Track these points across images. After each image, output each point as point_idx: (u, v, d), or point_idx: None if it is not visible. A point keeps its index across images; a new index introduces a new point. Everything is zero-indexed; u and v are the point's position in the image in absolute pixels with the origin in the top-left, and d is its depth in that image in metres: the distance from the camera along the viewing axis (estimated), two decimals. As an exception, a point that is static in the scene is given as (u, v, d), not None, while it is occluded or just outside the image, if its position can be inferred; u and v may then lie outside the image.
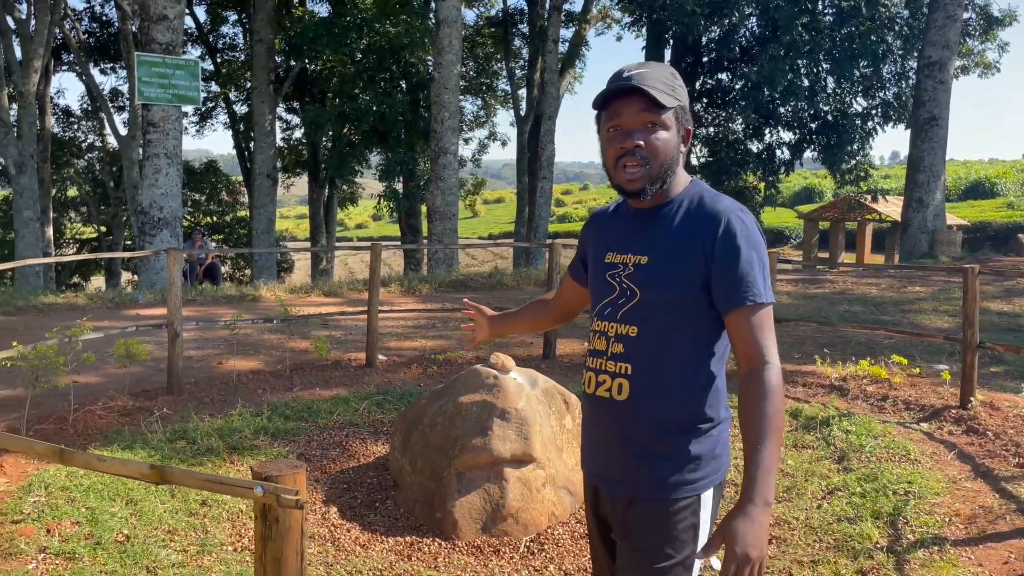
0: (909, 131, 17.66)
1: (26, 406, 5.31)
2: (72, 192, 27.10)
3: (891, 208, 23.40)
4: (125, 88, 23.44)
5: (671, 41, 20.65)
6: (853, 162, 19.17)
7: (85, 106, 25.47)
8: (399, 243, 22.63)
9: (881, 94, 19.00)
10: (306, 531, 1.55)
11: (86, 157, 26.23)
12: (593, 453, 1.99)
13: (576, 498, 4.42)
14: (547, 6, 21.15)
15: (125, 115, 23.14)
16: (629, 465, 1.87)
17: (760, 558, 1.61)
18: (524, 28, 24.74)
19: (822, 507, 4.26)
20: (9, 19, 17.56)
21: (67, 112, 25.51)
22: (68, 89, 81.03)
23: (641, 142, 1.79)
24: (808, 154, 19.94)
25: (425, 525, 4.15)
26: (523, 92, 23.79)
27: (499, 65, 25.88)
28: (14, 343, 5.23)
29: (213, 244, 19.76)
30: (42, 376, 5.18)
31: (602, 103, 1.85)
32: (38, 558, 3.41)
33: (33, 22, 17.87)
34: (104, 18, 24.05)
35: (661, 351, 1.83)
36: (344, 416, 5.56)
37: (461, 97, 20.41)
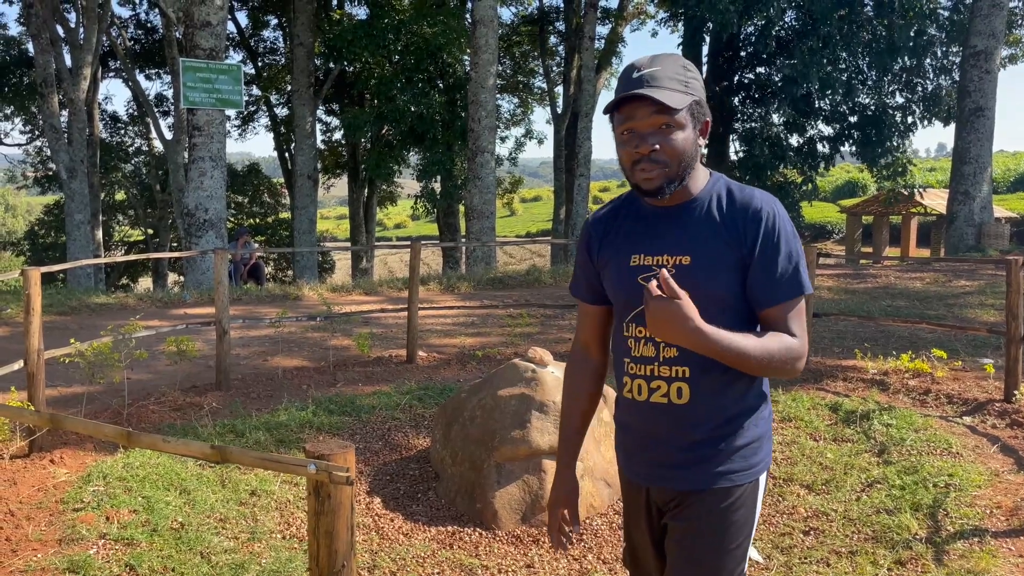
0: (954, 123, 17.33)
1: (83, 401, 5.53)
2: (120, 196, 27.84)
3: (936, 201, 22.96)
4: (170, 93, 23.98)
5: (707, 37, 20.52)
6: (891, 157, 18.84)
7: (131, 111, 26.14)
8: (438, 242, 22.83)
9: (922, 88, 18.65)
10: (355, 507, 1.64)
11: (133, 161, 26.92)
12: (642, 457, 1.94)
13: (614, 490, 4.48)
14: (583, 3, 21.16)
15: (170, 119, 23.70)
16: (689, 462, 1.86)
17: (681, 313, 1.64)
18: (560, 26, 24.77)
19: (861, 499, 4.27)
20: (59, 28, 18.10)
21: (114, 118, 26.20)
22: (115, 95, 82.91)
23: (657, 146, 1.75)
24: (845, 148, 19.64)
25: (466, 515, 4.25)
26: (559, 90, 23.84)
27: (535, 63, 25.96)
28: (72, 340, 5.46)
29: (256, 245, 20.14)
30: (98, 372, 5.39)
31: (613, 104, 1.81)
32: (99, 543, 3.58)
33: (82, 30, 18.40)
34: (149, 25, 24.68)
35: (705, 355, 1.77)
36: (386, 411, 5.68)
37: (497, 96, 20.52)
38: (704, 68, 19.96)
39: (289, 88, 22.63)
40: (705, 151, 1.95)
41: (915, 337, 7.95)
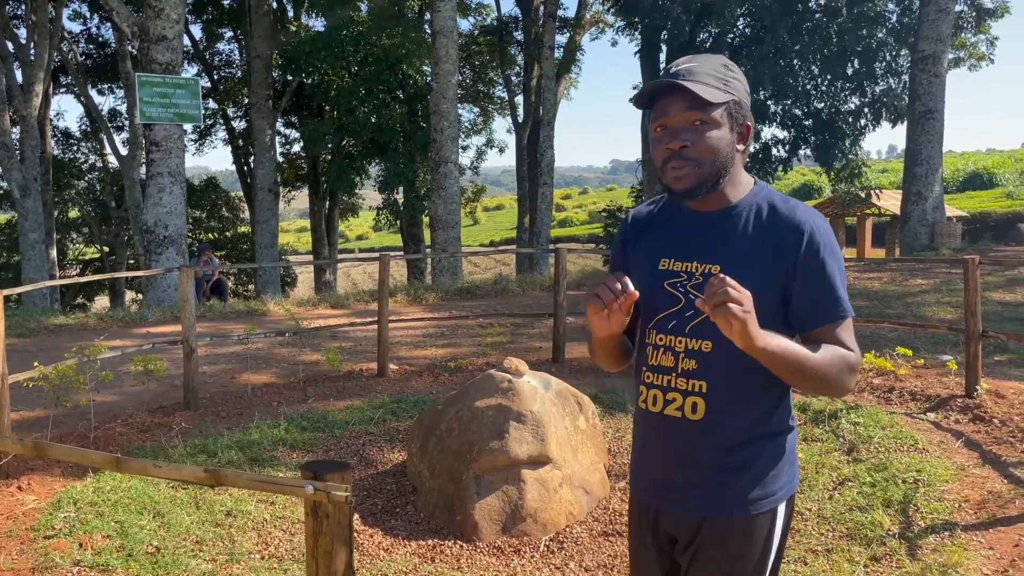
0: (905, 125, 17.77)
1: (48, 425, 5.40)
2: (74, 213, 27.26)
3: (890, 202, 23.49)
4: (123, 108, 23.62)
5: (664, 45, 20.80)
6: (845, 160, 19.31)
7: (84, 127, 25.65)
8: (402, 252, 22.75)
9: (872, 91, 19.11)
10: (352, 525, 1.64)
11: (86, 178, 26.39)
12: (655, 474, 1.85)
13: (593, 497, 4.51)
14: (541, 13, 21.31)
15: (124, 135, 23.33)
16: (702, 484, 1.76)
17: (740, 315, 1.50)
18: (519, 35, 24.90)
19: (834, 497, 4.35)
20: (9, 44, 17.72)
21: (66, 134, 25.67)
22: (67, 111, 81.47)
23: (689, 142, 1.66)
24: (801, 152, 20.06)
25: (446, 528, 4.24)
26: (520, 99, 23.94)
27: (495, 73, 26.03)
28: (35, 364, 5.33)
29: (217, 260, 19.89)
30: (63, 395, 5.27)
31: (648, 101, 1.71)
32: (73, 571, 3.50)
33: (33, 47, 18.04)
34: (101, 39, 24.27)
35: (739, 366, 1.69)
36: (359, 425, 5.65)
37: (458, 105, 20.56)
38: (661, 75, 20.20)
39: (247, 101, 22.41)
40: (747, 158, 1.81)
41: (877, 336, 8.12)
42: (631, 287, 1.62)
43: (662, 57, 20.99)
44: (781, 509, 1.79)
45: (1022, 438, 4.97)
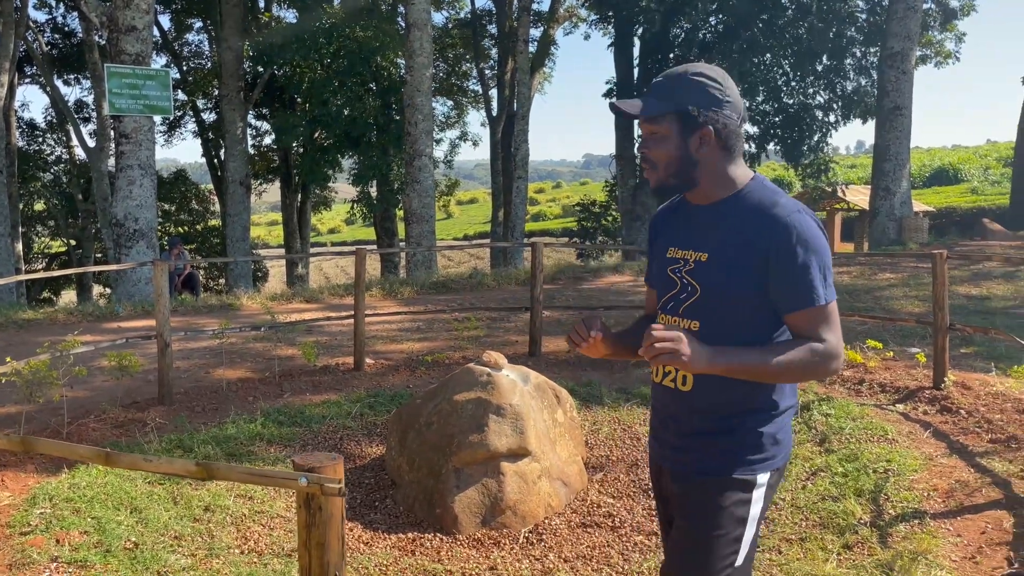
0: (874, 121, 18.04)
1: (21, 421, 5.33)
2: (39, 206, 26.77)
3: (858, 197, 23.85)
4: (91, 99, 23.20)
5: (637, 40, 20.89)
6: (814, 156, 19.57)
7: (50, 118, 25.18)
8: (375, 246, 22.65)
9: (841, 88, 19.36)
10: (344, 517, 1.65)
11: (52, 170, 25.92)
12: (658, 435, 2.11)
13: (571, 489, 4.55)
14: (515, 6, 21.29)
15: (92, 126, 22.93)
16: (690, 446, 1.99)
17: (677, 354, 1.70)
18: (493, 29, 24.87)
19: (807, 487, 4.43)
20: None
21: (32, 125, 25.19)
22: (32, 102, 79.70)
23: (646, 149, 1.94)
24: (770, 147, 20.29)
25: (425, 521, 4.26)
26: (494, 92, 23.92)
27: (469, 66, 25.98)
28: (8, 359, 5.26)
29: (188, 254, 19.68)
30: (36, 391, 5.21)
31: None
32: (51, 567, 3.47)
33: (-3, 36, 17.65)
34: (67, 29, 23.83)
35: (724, 344, 1.85)
36: (337, 420, 5.64)
37: (433, 99, 20.50)
38: (636, 71, 20.31)
39: (217, 92, 22.14)
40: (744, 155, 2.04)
41: (847, 329, 8.24)
42: (595, 332, 1.91)
43: (635, 52, 21.09)
44: (761, 480, 1.95)
45: (988, 428, 5.10)
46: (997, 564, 3.50)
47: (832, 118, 19.48)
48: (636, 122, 2.00)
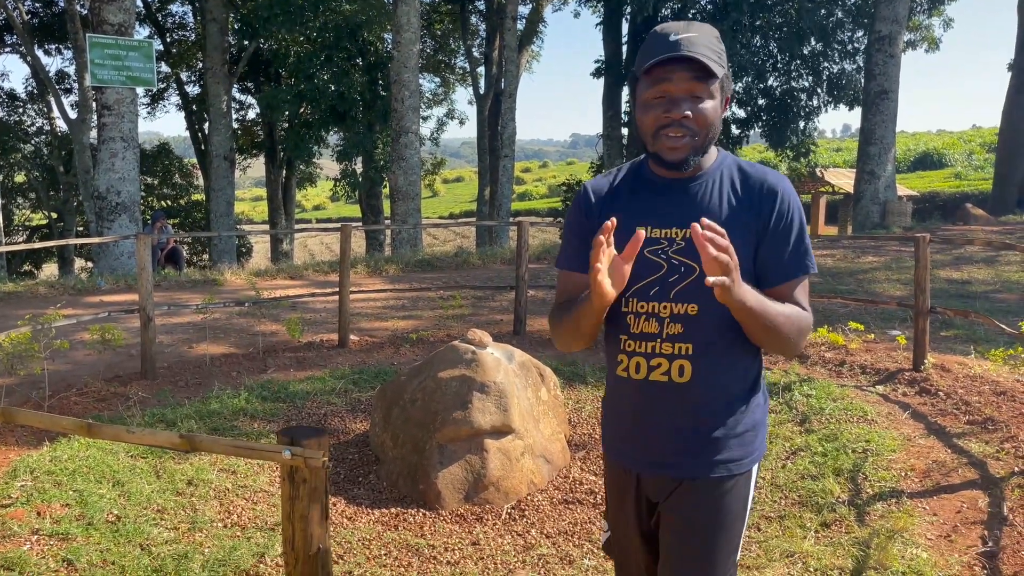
0: (860, 106, 18.08)
1: (1, 394, 5.29)
2: (20, 178, 26.41)
3: (843, 180, 23.94)
4: (72, 70, 22.86)
5: (626, 19, 20.78)
6: (797, 139, 19.62)
7: (30, 89, 24.78)
8: (360, 223, 22.52)
9: (828, 71, 19.37)
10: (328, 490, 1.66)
11: (33, 142, 25.56)
12: (636, 440, 1.87)
13: (553, 467, 4.58)
14: (504, -17, 21.07)
15: (73, 97, 22.60)
16: (685, 447, 1.81)
17: (731, 273, 1.56)
18: (481, 5, 24.65)
19: (786, 466, 4.49)
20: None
21: (11, 96, 24.79)
22: (12, 72, 78.17)
23: (689, 112, 1.70)
24: (755, 130, 20.30)
25: (409, 497, 4.28)
26: (481, 70, 23.75)
27: (456, 43, 25.76)
28: (-13, 331, 5.21)
29: (172, 228, 19.52)
30: (17, 364, 5.17)
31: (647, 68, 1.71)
32: (32, 539, 3.47)
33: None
34: (48, -3, 23.38)
35: (723, 326, 1.74)
36: (321, 396, 5.64)
37: (419, 75, 20.34)
38: (624, 49, 20.22)
39: (201, 65, 21.86)
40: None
41: (829, 311, 8.33)
42: (611, 223, 1.64)
43: (624, 30, 20.98)
44: (755, 470, 1.89)
45: (965, 410, 5.16)
46: (972, 542, 3.56)
47: (816, 102, 19.52)
48: (635, 90, 1.76)
